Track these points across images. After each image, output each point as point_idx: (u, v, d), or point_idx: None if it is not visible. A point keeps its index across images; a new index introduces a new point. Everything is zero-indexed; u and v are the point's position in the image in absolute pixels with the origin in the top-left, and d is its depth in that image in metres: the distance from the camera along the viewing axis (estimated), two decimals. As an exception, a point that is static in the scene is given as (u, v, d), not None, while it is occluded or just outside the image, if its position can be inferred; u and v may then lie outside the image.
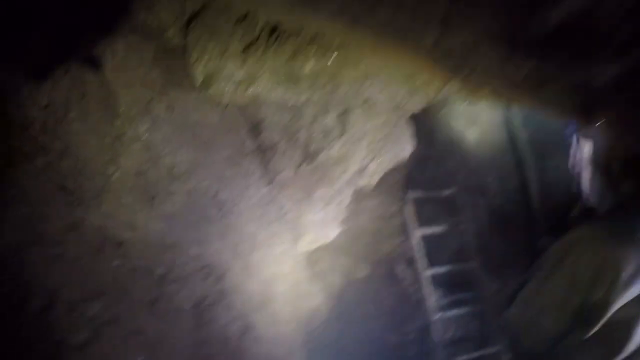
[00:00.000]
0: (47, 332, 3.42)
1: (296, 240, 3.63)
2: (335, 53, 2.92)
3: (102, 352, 3.58)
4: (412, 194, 4.47)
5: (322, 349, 4.47)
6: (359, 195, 3.92)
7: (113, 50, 2.78)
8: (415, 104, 3.88)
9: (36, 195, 3.10)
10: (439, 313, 4.36)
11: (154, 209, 2.96)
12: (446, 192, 4.63)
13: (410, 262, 4.58)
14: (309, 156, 3.49)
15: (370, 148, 3.75)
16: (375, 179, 4.00)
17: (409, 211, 4.45)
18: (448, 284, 4.61)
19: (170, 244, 3.15)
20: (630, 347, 1.67)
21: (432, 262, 4.48)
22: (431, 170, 4.73)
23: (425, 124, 4.52)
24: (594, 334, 1.66)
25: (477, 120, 4.93)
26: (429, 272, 4.48)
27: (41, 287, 3.24)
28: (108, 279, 3.23)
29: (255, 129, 3.34)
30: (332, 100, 3.47)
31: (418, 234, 4.45)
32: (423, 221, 4.49)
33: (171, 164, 2.95)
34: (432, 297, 4.43)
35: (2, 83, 2.98)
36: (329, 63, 2.96)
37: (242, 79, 2.89)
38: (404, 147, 4.19)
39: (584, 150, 1.95)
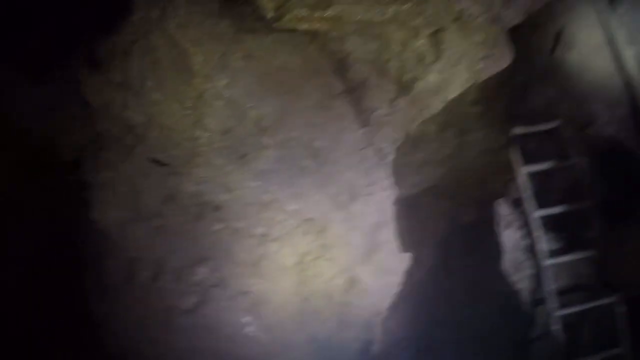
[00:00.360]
0: (157, 299, 3.48)
1: (397, 184, 3.32)
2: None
3: (210, 314, 3.61)
4: (515, 128, 3.95)
5: (428, 300, 4.26)
6: (462, 128, 3.50)
7: (174, 6, 2.53)
8: (514, 15, 3.32)
9: (131, 172, 3.05)
10: (550, 259, 3.89)
11: (246, 167, 2.78)
12: (550, 125, 4.04)
13: (518, 203, 4.13)
14: (403, 88, 3.09)
15: (470, 72, 3.26)
16: (478, 109, 3.54)
17: (513, 147, 3.95)
18: (559, 227, 4.12)
19: (267, 202, 2.98)
20: None
21: (541, 203, 3.99)
22: (532, 101, 4.17)
23: (522, 48, 3.93)
24: None
25: (576, 42, 4.23)
26: (537, 214, 3.96)
27: (148, 258, 3.25)
28: (210, 244, 3.15)
29: (342, 66, 2.99)
30: (420, 19, 3.02)
31: (524, 171, 3.95)
32: (528, 158, 3.98)
33: (258, 116, 2.72)
34: (542, 242, 4.00)
35: (68, 68, 2.89)
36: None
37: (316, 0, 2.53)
38: (505, 71, 3.66)
39: None
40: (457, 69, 3.22)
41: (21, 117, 3.11)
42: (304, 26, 2.58)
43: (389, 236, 3.47)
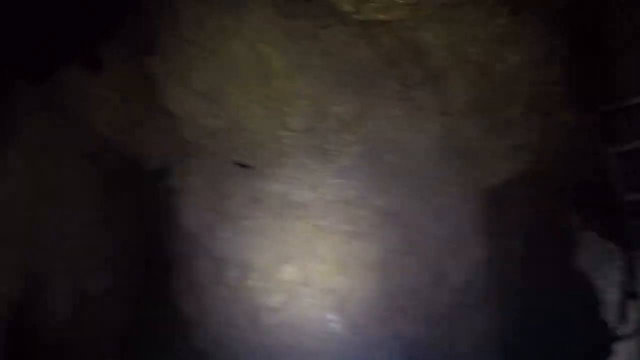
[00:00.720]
0: (245, 297, 3.56)
1: (482, 174, 3.17)
2: None
3: (296, 312, 3.64)
4: (602, 105, 3.63)
5: (519, 294, 4.03)
6: (547, 110, 3.27)
7: (249, 11, 2.55)
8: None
9: (217, 177, 3.13)
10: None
11: (330, 164, 2.76)
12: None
13: (606, 187, 3.81)
14: (484, 72, 2.94)
15: (552, 49, 3.05)
16: (562, 88, 3.30)
17: (600, 126, 3.64)
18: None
19: (351, 198, 2.95)
20: None
21: (631, 186, 3.64)
22: (621, 74, 3.82)
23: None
24: None
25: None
26: (628, 198, 3.57)
27: (235, 258, 3.33)
28: (296, 242, 3.17)
29: (419, 54, 2.88)
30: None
31: (612, 152, 3.62)
32: (617, 137, 3.65)
33: (339, 113, 2.69)
34: (634, 229, 3.64)
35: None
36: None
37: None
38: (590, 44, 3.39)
39: None
40: (538, 48, 3.03)
41: (110, 129, 3.28)
42: (381, 16, 2.51)
43: (475, 228, 3.32)
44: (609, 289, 3.85)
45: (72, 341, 3.66)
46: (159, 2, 2.67)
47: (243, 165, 2.89)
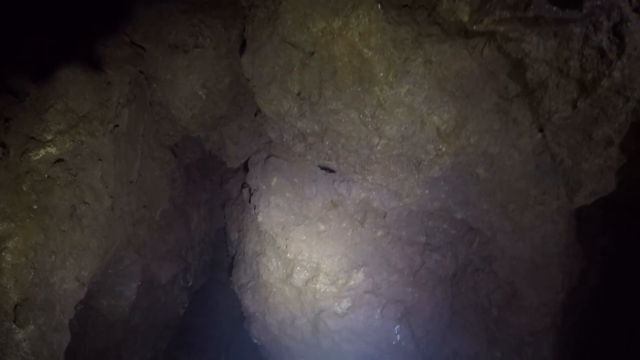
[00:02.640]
0: (310, 300, 3.54)
1: (572, 194, 3.02)
2: None
3: (360, 319, 3.59)
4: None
5: (587, 325, 3.83)
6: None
7: (356, 15, 2.51)
8: None
9: (299, 178, 3.10)
10: None
11: (421, 174, 2.68)
12: None
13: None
14: (585, 88, 2.80)
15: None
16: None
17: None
18: None
19: (435, 210, 2.86)
20: None
21: None
22: None
23: None
24: None
25: None
26: None
27: (306, 260, 3.30)
28: (370, 250, 3.11)
29: (518, 67, 2.77)
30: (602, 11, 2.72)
31: None
32: None
33: (438, 123, 2.61)
34: None
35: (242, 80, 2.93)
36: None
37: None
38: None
39: None
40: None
41: (195, 124, 3.34)
42: (502, 29, 2.42)
43: (558, 250, 3.18)
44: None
45: (135, 323, 3.78)
46: (261, 0, 2.67)
47: (328, 170, 2.85)
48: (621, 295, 3.75)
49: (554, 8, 2.44)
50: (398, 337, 3.51)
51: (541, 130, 2.85)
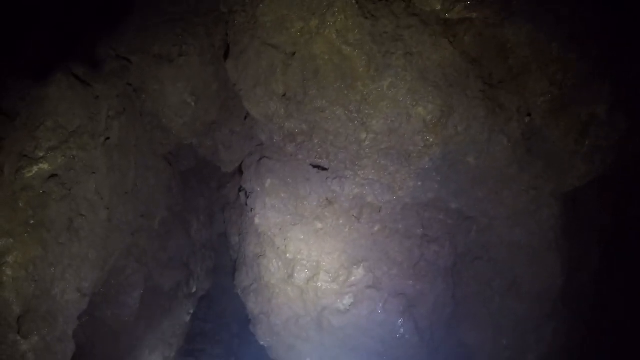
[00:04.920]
0: (313, 298, 3.56)
1: (565, 176, 3.00)
2: None
3: (363, 314, 3.58)
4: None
5: (589, 309, 3.82)
6: (634, 108, 3.08)
7: (332, 13, 2.53)
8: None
9: (293, 178, 3.12)
10: None
11: (411, 167, 2.70)
12: None
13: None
14: (567, 70, 2.81)
15: None
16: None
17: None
18: None
19: (429, 201, 2.88)
20: None
21: None
22: None
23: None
24: None
25: None
26: None
27: (306, 259, 3.33)
28: (369, 245, 3.12)
29: (501, 52, 2.79)
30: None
31: None
32: None
33: (423, 114, 2.62)
34: None
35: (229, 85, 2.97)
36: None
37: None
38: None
39: None
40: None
41: (188, 132, 3.37)
42: (473, 14, 2.44)
43: (555, 234, 3.18)
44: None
45: (140, 332, 3.81)
46: (239, 5, 2.70)
47: (320, 168, 2.87)
48: (622, 276, 3.74)
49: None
50: (402, 330, 3.51)
51: (529, 114, 2.86)
